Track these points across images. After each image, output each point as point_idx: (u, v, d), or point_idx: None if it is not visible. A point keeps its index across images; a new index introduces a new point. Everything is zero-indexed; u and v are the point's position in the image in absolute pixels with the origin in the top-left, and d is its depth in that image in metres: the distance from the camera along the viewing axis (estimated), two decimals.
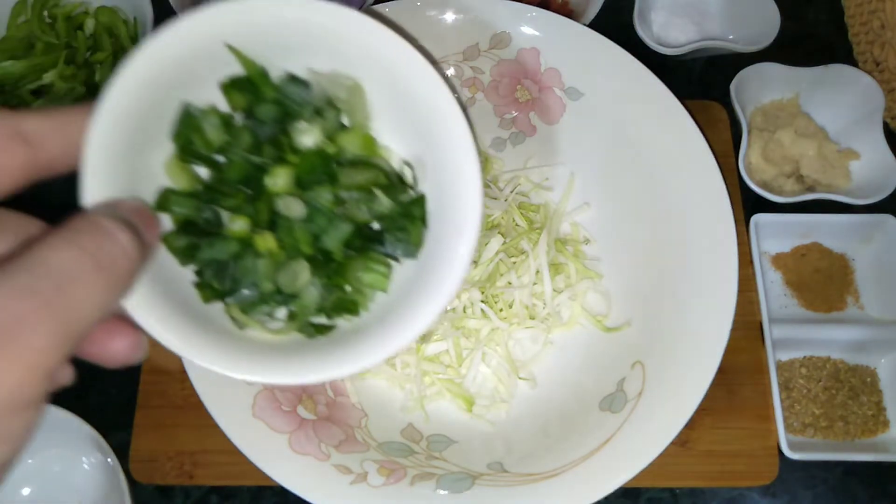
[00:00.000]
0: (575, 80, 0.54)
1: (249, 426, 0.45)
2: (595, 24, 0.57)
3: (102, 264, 0.20)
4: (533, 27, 0.54)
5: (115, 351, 0.24)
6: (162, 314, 0.26)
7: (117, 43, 0.63)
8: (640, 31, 0.63)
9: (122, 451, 0.51)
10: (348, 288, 0.30)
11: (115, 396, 0.54)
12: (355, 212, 0.29)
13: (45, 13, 0.63)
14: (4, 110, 0.21)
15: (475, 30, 0.54)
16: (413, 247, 0.30)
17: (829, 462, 0.53)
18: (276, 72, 0.29)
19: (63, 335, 0.18)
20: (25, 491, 0.52)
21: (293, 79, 0.29)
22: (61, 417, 0.49)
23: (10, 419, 0.17)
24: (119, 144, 0.25)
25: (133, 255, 0.22)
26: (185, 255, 0.28)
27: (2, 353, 0.17)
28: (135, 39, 0.63)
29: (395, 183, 0.30)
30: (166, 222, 0.28)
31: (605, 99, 0.54)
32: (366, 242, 0.30)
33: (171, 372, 0.53)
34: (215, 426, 0.44)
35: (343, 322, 0.30)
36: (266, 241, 0.28)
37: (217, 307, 0.29)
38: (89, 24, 0.63)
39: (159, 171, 0.28)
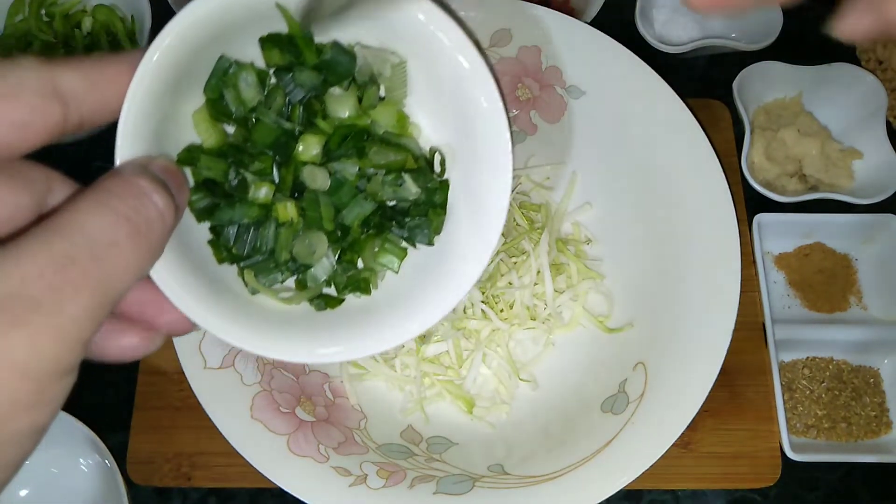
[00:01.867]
0: (576, 78, 0.54)
1: (248, 428, 0.45)
2: (596, 22, 0.56)
3: (140, 230, 0.20)
4: (534, 25, 0.53)
5: (126, 345, 0.23)
6: (180, 278, 0.25)
7: (115, 41, 0.63)
8: (642, 29, 0.63)
9: (119, 453, 0.51)
10: (360, 265, 0.30)
11: (112, 398, 0.54)
12: (378, 190, 0.28)
13: (43, 11, 0.63)
14: (41, 62, 0.21)
15: (476, 27, 0.53)
16: (431, 234, 0.29)
17: (831, 463, 0.53)
18: (323, 38, 0.28)
19: (100, 304, 0.19)
20: (23, 492, 0.52)
21: (339, 48, 0.28)
22: (59, 419, 0.49)
23: (51, 386, 0.18)
24: (156, 103, 0.24)
25: (168, 220, 0.21)
26: (204, 214, 0.27)
27: (42, 323, 0.17)
28: (132, 38, 0.63)
29: (422, 168, 0.29)
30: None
31: (606, 97, 0.53)
32: (384, 222, 0.29)
33: (168, 373, 0.53)
34: (213, 427, 0.44)
35: (353, 298, 0.29)
36: (288, 210, 0.27)
37: (229, 269, 0.28)
38: (87, 23, 0.63)
39: (189, 126, 0.27)
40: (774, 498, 0.52)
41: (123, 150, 0.23)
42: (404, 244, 0.30)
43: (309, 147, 0.28)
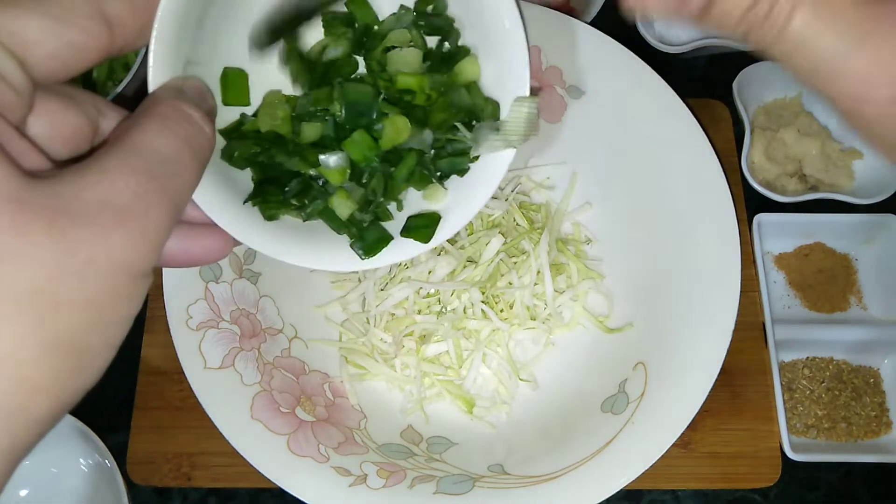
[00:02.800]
0: (576, 78, 0.54)
1: (248, 428, 0.45)
2: (597, 22, 0.56)
3: (195, 149, 0.23)
4: (534, 25, 0.53)
5: (210, 245, 0.26)
6: (217, 195, 0.27)
7: None
8: (642, 29, 0.63)
9: (119, 453, 0.51)
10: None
11: (112, 398, 0.54)
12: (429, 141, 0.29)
13: None
14: None
15: None
16: (463, 173, 0.30)
17: (831, 463, 0.53)
18: None
19: (174, 212, 0.21)
20: (23, 492, 0.52)
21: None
22: None
23: (142, 281, 0.20)
24: (184, 25, 0.25)
25: (213, 142, 0.24)
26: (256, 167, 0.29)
27: (134, 227, 0.20)
28: None
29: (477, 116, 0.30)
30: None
31: (606, 97, 0.53)
32: (423, 168, 0.30)
33: (168, 373, 0.53)
34: (213, 427, 0.44)
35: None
36: (339, 174, 0.28)
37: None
38: None
39: (220, 45, 0.28)
40: (774, 498, 0.52)
41: (156, 74, 0.25)
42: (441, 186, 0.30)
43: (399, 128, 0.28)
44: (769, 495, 0.52)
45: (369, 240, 0.29)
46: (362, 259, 0.29)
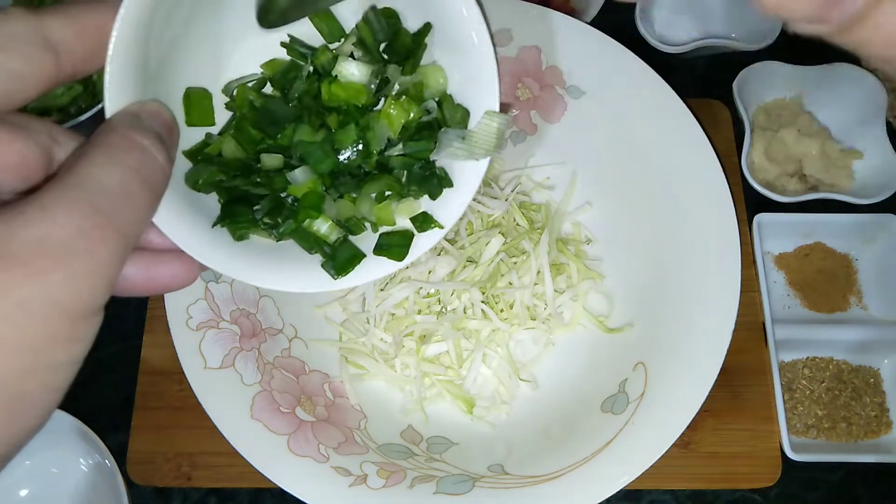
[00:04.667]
0: (576, 78, 0.54)
1: (248, 428, 0.45)
2: (597, 22, 0.56)
3: (147, 181, 0.22)
4: (534, 25, 0.53)
5: (174, 272, 0.25)
6: (181, 219, 0.26)
7: None
8: (643, 30, 0.63)
9: (119, 453, 0.51)
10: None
11: (112, 398, 0.54)
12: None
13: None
14: (28, 11, 0.21)
15: None
16: (435, 196, 0.30)
17: (831, 463, 0.53)
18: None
19: (123, 248, 0.20)
20: (23, 492, 0.52)
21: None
22: (59, 419, 0.49)
23: (85, 323, 0.20)
24: (141, 45, 0.24)
25: (167, 169, 0.23)
26: (222, 191, 0.28)
27: (77, 266, 0.19)
28: None
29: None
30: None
31: (606, 97, 0.53)
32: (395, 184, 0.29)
33: (168, 373, 0.53)
34: (213, 427, 0.44)
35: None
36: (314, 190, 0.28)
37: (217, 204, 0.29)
38: None
39: (178, 63, 0.27)
40: (774, 498, 0.52)
41: (112, 101, 0.24)
42: (417, 202, 0.30)
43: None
44: (769, 495, 0.52)
45: (341, 259, 0.29)
46: (335, 279, 0.29)
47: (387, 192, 0.29)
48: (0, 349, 0.18)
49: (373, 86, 0.28)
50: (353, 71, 0.28)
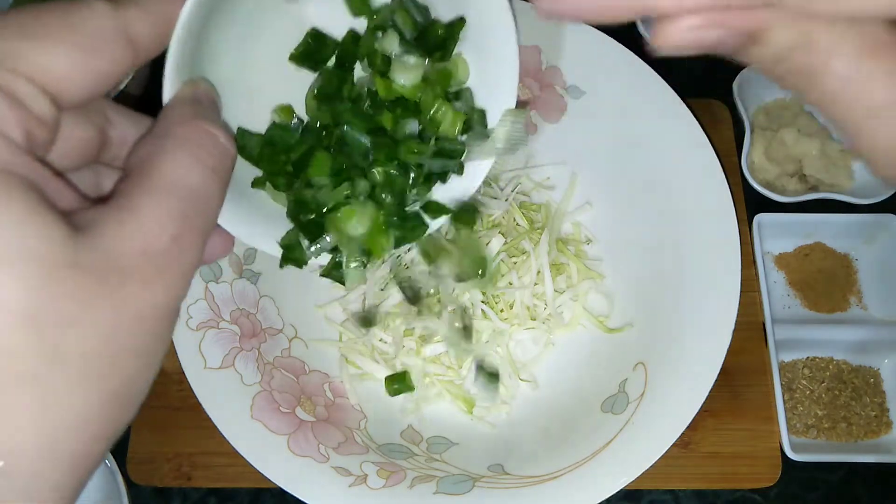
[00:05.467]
0: (576, 78, 0.54)
1: (248, 428, 0.45)
2: None
3: (223, 177, 0.23)
4: (534, 25, 0.53)
5: (213, 251, 0.26)
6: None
7: None
8: (642, 29, 0.63)
9: (119, 453, 0.51)
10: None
11: None
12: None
13: None
14: (109, 7, 0.22)
15: None
16: (445, 178, 0.30)
17: (831, 463, 0.53)
18: None
19: (204, 245, 0.22)
20: None
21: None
22: None
23: (173, 320, 0.21)
24: (201, 34, 0.25)
25: (235, 155, 0.24)
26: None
27: (170, 274, 0.20)
28: None
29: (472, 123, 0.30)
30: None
31: (607, 97, 0.53)
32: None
33: (169, 373, 0.53)
34: (214, 427, 0.44)
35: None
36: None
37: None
38: None
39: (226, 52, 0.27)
40: (774, 498, 0.52)
41: (173, 81, 0.24)
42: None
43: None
44: (769, 495, 0.52)
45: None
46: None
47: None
48: (126, 358, 0.19)
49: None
50: (407, 77, 0.29)
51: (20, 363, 0.17)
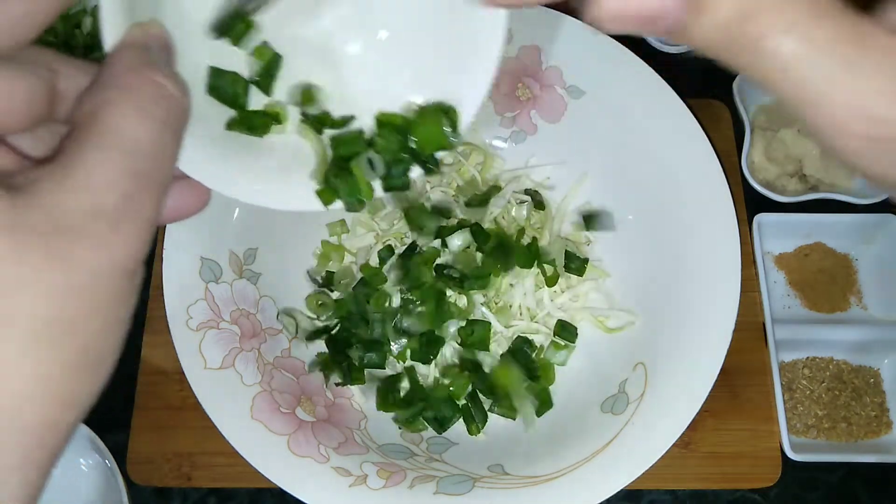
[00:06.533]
0: (576, 78, 0.54)
1: (248, 428, 0.45)
2: None
3: (175, 129, 0.22)
4: (534, 25, 0.53)
5: (181, 204, 0.25)
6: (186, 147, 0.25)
7: None
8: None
9: (119, 453, 0.50)
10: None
11: (112, 397, 0.54)
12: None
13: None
14: None
15: None
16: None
17: (831, 463, 0.53)
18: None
19: (160, 200, 0.21)
20: None
21: None
22: None
23: (135, 279, 0.20)
24: None
25: (189, 110, 0.23)
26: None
27: (125, 231, 0.19)
28: None
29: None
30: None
31: (607, 97, 0.53)
32: None
33: (169, 373, 0.53)
34: (214, 427, 0.44)
35: None
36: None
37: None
38: (87, 23, 0.63)
39: None
40: (774, 498, 0.52)
41: (112, 22, 0.22)
42: None
43: None
44: (769, 495, 0.52)
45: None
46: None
47: None
48: (84, 320, 0.19)
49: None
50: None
51: None
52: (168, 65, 0.23)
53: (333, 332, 0.51)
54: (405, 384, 0.50)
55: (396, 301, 0.50)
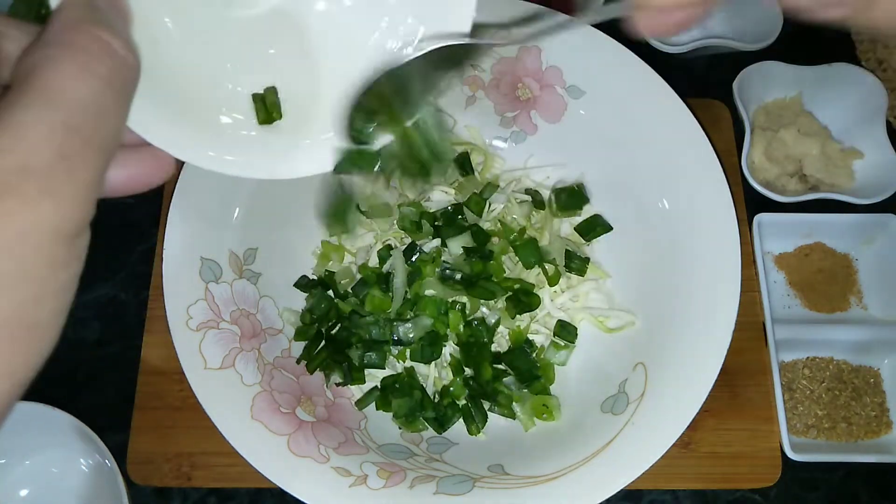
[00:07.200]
0: (576, 78, 0.54)
1: (248, 428, 0.45)
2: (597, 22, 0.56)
3: (119, 88, 0.21)
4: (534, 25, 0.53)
5: (145, 172, 0.24)
6: (146, 112, 0.24)
7: None
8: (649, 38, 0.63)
9: (119, 453, 0.50)
10: None
11: (112, 398, 0.54)
12: None
13: (42, 12, 0.63)
14: None
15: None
16: None
17: (831, 463, 0.53)
18: None
19: (104, 163, 0.20)
20: (23, 492, 0.52)
21: None
22: (59, 419, 0.49)
23: (78, 243, 0.19)
24: None
25: (137, 71, 0.22)
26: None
27: (61, 190, 0.18)
28: None
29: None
30: None
31: (606, 97, 0.53)
32: None
33: (168, 373, 0.53)
34: (214, 427, 0.44)
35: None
36: None
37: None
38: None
39: None
40: (774, 498, 0.52)
41: None
42: None
43: None
44: (769, 495, 0.52)
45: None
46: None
47: None
48: (10, 283, 0.18)
49: None
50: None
51: None
52: (117, 24, 0.22)
53: (334, 332, 0.52)
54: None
55: (398, 301, 0.50)
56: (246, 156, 0.28)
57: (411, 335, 0.49)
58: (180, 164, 0.26)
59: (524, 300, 0.51)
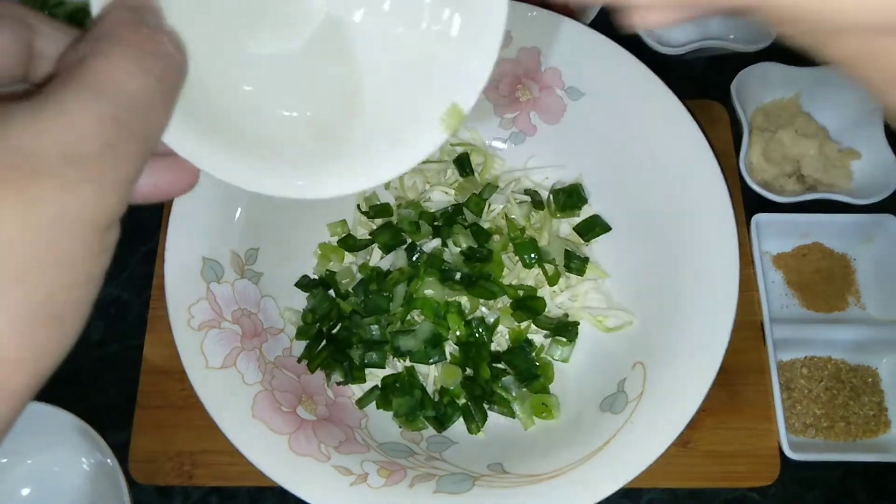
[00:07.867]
0: (575, 79, 0.54)
1: (249, 427, 0.45)
2: (596, 24, 0.56)
3: (168, 88, 0.21)
4: (533, 26, 0.53)
5: (169, 182, 0.24)
6: (177, 125, 0.24)
7: None
8: (641, 31, 0.63)
9: (121, 452, 0.51)
10: None
11: (114, 397, 0.54)
12: None
13: (46, 13, 0.63)
14: None
15: None
16: None
17: (830, 463, 0.53)
18: None
19: (144, 160, 0.20)
20: (25, 491, 0.52)
21: None
22: (61, 418, 0.49)
23: (110, 235, 0.19)
24: None
25: (184, 68, 0.22)
26: None
27: (100, 182, 0.18)
28: None
29: None
30: None
31: (606, 99, 0.53)
32: None
33: (170, 372, 0.53)
34: (215, 426, 0.44)
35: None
36: None
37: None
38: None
39: None
40: (773, 497, 0.52)
41: None
42: None
43: None
44: (767, 494, 0.52)
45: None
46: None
47: None
48: (42, 268, 0.17)
49: None
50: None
51: None
52: (162, 24, 0.22)
53: (335, 331, 0.52)
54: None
55: (398, 301, 0.50)
56: (263, 171, 0.27)
57: (411, 345, 0.50)
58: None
59: (530, 305, 0.51)
